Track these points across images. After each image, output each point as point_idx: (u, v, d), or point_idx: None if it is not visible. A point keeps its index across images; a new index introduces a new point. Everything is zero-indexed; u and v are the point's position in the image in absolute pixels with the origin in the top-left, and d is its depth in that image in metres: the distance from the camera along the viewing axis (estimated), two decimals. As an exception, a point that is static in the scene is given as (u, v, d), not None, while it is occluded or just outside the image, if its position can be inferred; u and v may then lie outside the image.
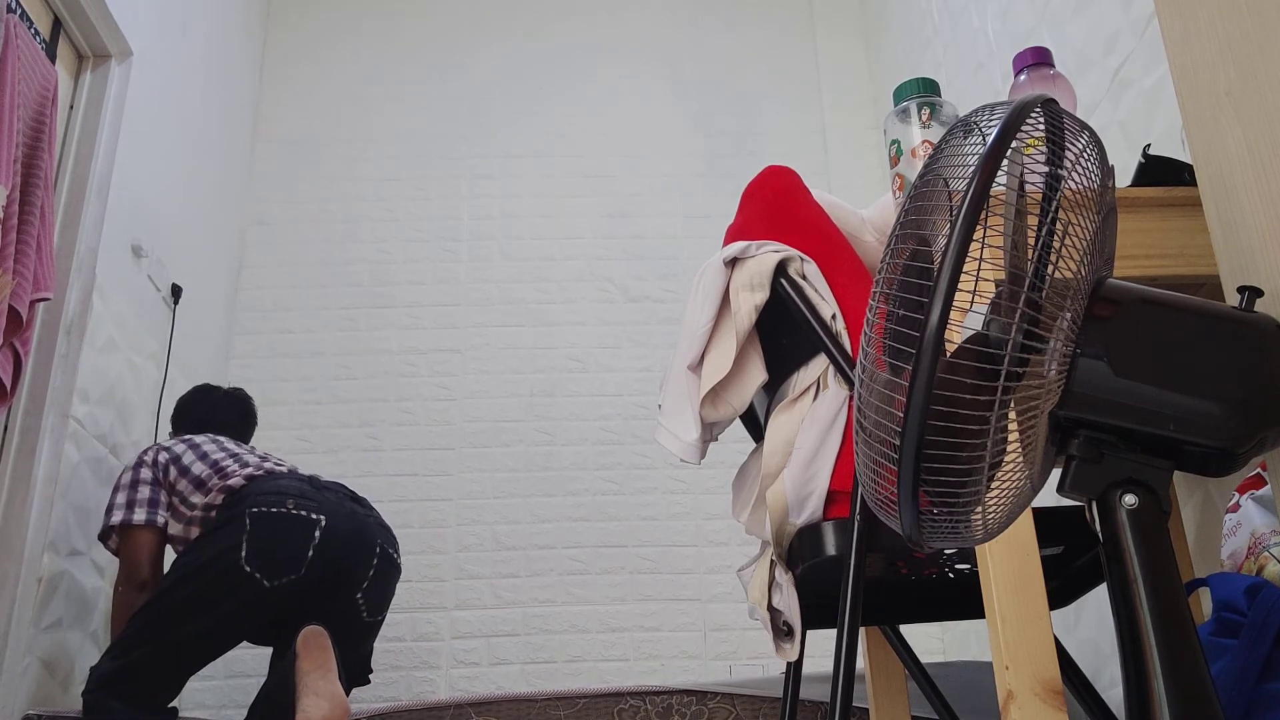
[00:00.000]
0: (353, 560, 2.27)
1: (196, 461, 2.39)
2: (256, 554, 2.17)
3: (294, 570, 2.19)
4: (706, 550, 3.36)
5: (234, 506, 2.26)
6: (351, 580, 2.27)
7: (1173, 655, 0.75)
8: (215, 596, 2.17)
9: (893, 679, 1.74)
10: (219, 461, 2.39)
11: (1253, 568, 1.37)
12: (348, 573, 2.26)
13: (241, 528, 2.19)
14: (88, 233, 2.67)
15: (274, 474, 2.35)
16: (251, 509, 2.21)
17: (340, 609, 2.27)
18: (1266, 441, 0.80)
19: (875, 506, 0.81)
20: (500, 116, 3.94)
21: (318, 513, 2.24)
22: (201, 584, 2.17)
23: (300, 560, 2.19)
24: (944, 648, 3.19)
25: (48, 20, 2.65)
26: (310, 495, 2.28)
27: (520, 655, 3.21)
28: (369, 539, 2.30)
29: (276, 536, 2.19)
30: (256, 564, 2.17)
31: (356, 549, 2.27)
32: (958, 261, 0.71)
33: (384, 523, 2.40)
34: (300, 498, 2.26)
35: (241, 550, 2.17)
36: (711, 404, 1.45)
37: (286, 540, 2.20)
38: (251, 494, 2.26)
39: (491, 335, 3.63)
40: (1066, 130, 0.79)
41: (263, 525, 2.20)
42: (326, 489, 2.35)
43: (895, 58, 3.72)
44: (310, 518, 2.23)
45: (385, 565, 2.33)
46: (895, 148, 1.41)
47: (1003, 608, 1.11)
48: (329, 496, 2.32)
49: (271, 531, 2.19)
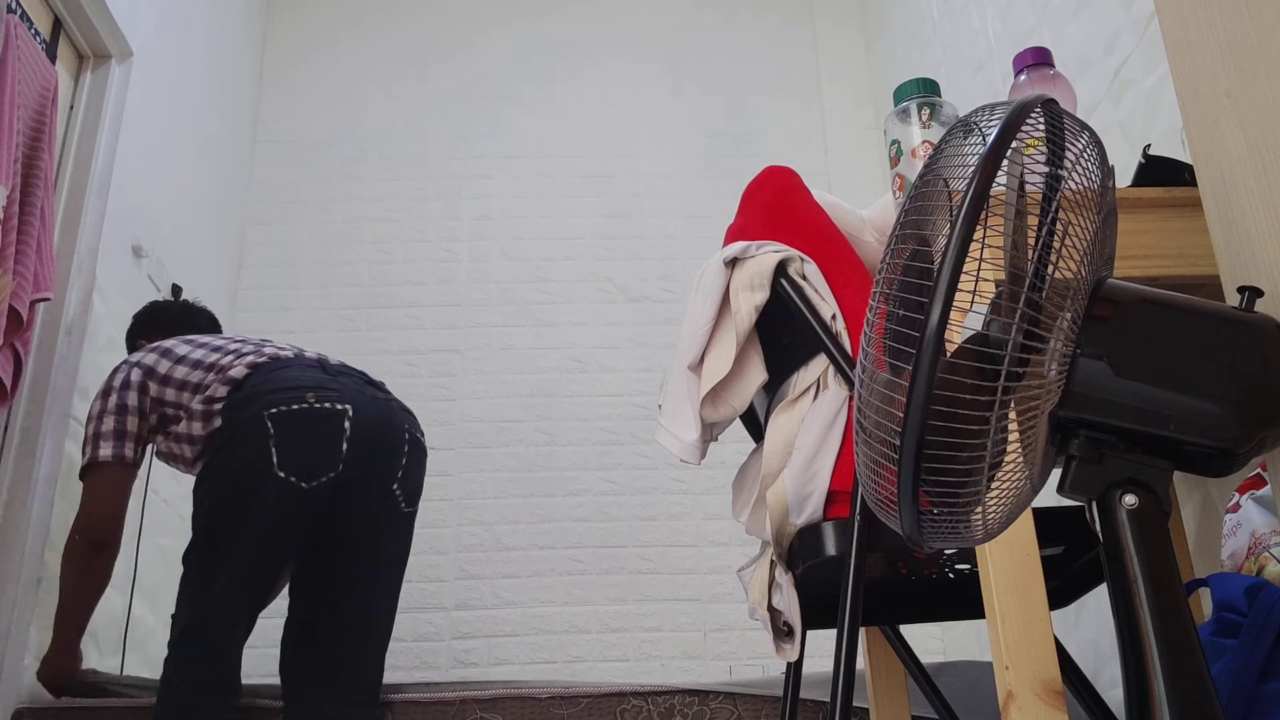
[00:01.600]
0: (386, 449, 2.11)
1: (177, 365, 2.18)
2: (288, 457, 1.99)
3: (331, 468, 2.02)
4: (707, 550, 3.36)
5: (244, 405, 2.06)
6: (387, 470, 2.12)
7: (1173, 655, 0.75)
8: (256, 513, 1.98)
9: (893, 679, 1.74)
10: (206, 359, 2.18)
11: (1253, 568, 1.37)
12: (383, 462, 2.11)
13: (265, 432, 2.00)
14: (88, 233, 2.66)
15: (279, 359, 2.17)
16: (269, 410, 2.02)
17: (379, 501, 2.12)
18: (1266, 441, 0.80)
19: (875, 506, 0.81)
20: (500, 116, 3.94)
21: (341, 402, 2.07)
22: (238, 503, 2.00)
23: (335, 456, 2.02)
24: (944, 648, 3.19)
25: (48, 20, 2.65)
26: (328, 384, 2.10)
27: (521, 655, 3.21)
28: (398, 425, 2.15)
29: (305, 435, 2.02)
30: (291, 467, 1.99)
31: (387, 437, 2.12)
32: (958, 261, 0.71)
33: (405, 406, 2.24)
34: (319, 389, 2.07)
35: (272, 457, 1.98)
36: (712, 404, 1.45)
37: (316, 437, 2.03)
38: (263, 390, 2.07)
39: (491, 335, 3.63)
40: (1067, 130, 0.79)
41: (287, 426, 2.02)
42: (342, 373, 2.18)
43: (895, 58, 3.72)
44: (336, 409, 2.05)
45: (415, 450, 2.19)
46: (895, 148, 1.41)
47: (1003, 608, 1.11)
48: (347, 383, 2.15)
49: (298, 430, 2.02)
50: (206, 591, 1.98)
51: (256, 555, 2.01)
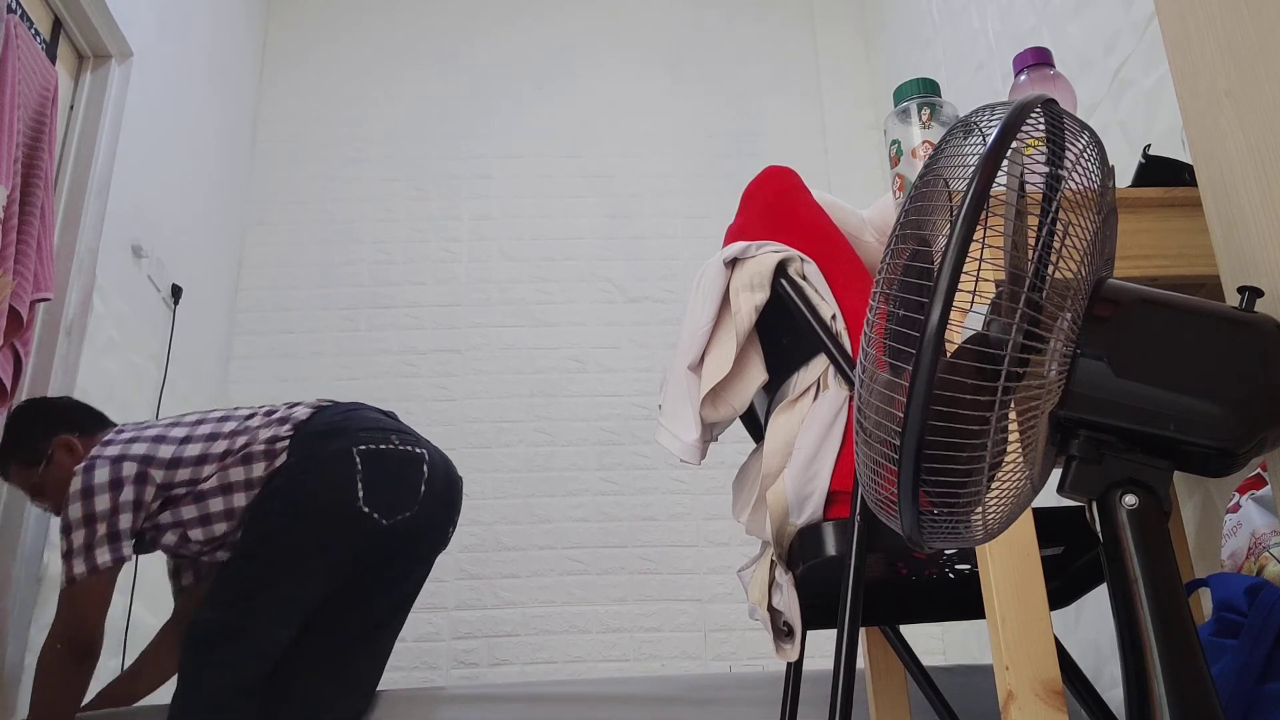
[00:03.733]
0: (452, 495, 2.26)
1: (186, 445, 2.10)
2: (373, 494, 2.08)
3: (408, 508, 2.12)
4: (707, 550, 3.36)
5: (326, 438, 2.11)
6: (452, 512, 2.27)
7: (1173, 655, 0.75)
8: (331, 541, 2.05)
9: (893, 679, 1.74)
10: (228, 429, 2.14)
11: (1253, 568, 1.37)
12: (450, 505, 2.25)
13: (353, 467, 2.08)
14: (88, 233, 2.67)
15: (340, 405, 2.24)
16: (359, 446, 2.11)
17: (436, 542, 2.26)
18: (1266, 441, 0.80)
19: (875, 507, 0.81)
20: (500, 116, 3.94)
21: (420, 446, 2.19)
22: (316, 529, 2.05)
23: (414, 497, 2.13)
24: (944, 648, 3.19)
25: (48, 20, 2.65)
26: (404, 430, 2.23)
27: (521, 656, 3.21)
28: (456, 474, 2.30)
29: (390, 475, 2.12)
30: (374, 504, 2.07)
31: (453, 484, 2.27)
32: (958, 261, 0.71)
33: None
34: (400, 432, 2.20)
35: (358, 491, 2.06)
36: (712, 404, 1.45)
37: (400, 478, 2.13)
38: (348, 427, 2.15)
39: (491, 335, 3.63)
40: (1067, 130, 0.79)
41: (375, 464, 2.10)
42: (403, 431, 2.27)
43: (895, 58, 3.72)
44: (416, 452, 2.17)
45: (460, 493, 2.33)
46: (895, 148, 1.41)
47: (1003, 608, 1.11)
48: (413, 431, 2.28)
49: (384, 470, 2.11)
50: (261, 603, 2.00)
51: (319, 581, 2.05)
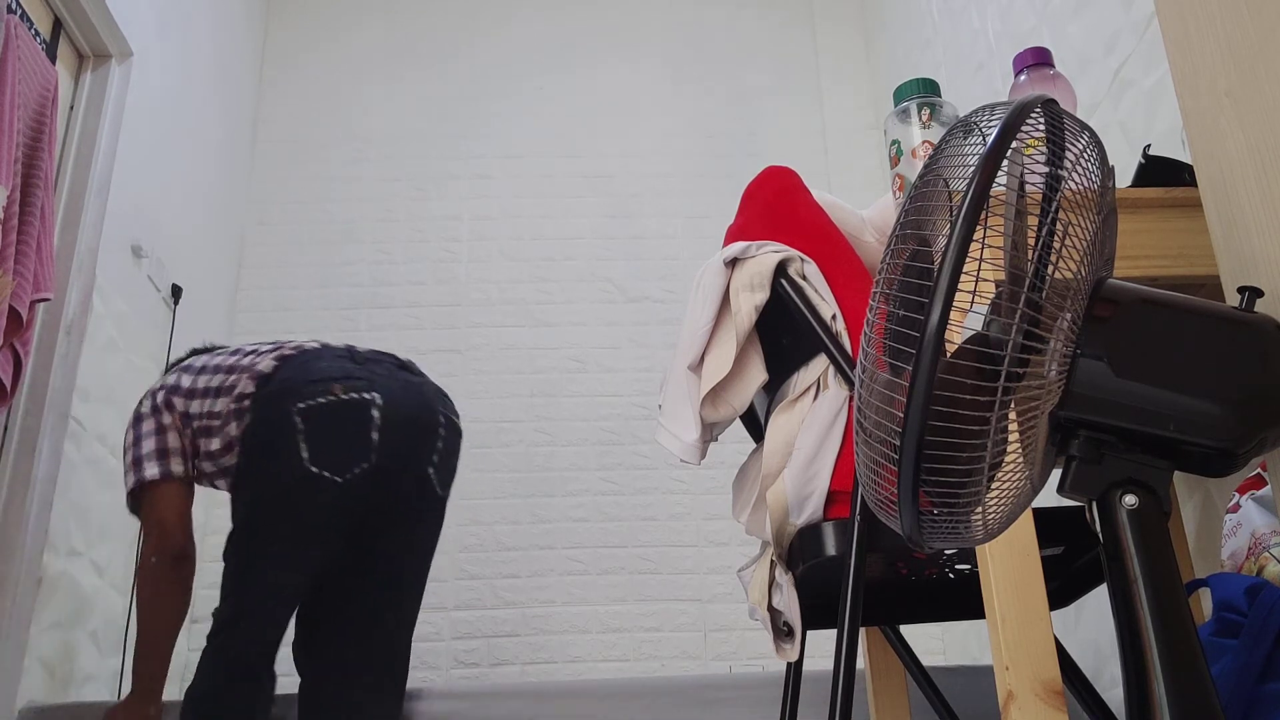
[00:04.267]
0: (419, 434, 2.08)
1: (199, 376, 2.16)
2: (319, 453, 1.97)
3: (363, 459, 1.99)
4: (707, 550, 3.36)
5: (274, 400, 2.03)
6: (422, 456, 2.08)
7: (1173, 655, 0.75)
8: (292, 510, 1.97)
9: (893, 679, 1.74)
10: (226, 362, 2.15)
11: (1253, 568, 1.37)
12: (417, 448, 2.07)
13: (293, 428, 1.98)
14: (88, 233, 2.66)
15: (306, 350, 2.13)
16: (298, 405, 2.00)
17: (414, 488, 2.09)
18: (1266, 441, 0.80)
19: (875, 507, 0.81)
20: (500, 116, 3.94)
21: (369, 390, 2.03)
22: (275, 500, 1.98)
23: (366, 447, 2.00)
24: (944, 648, 3.19)
25: (48, 20, 2.65)
26: (355, 373, 2.07)
27: (520, 656, 3.21)
28: (430, 408, 2.11)
29: (333, 429, 2.00)
30: (322, 462, 1.97)
31: (419, 422, 2.08)
32: (958, 261, 0.71)
33: (439, 387, 2.19)
34: (346, 379, 2.04)
35: (302, 453, 1.96)
36: (712, 404, 1.45)
37: (345, 429, 2.00)
38: (290, 386, 2.04)
39: (491, 335, 3.63)
40: (1067, 130, 0.79)
41: (315, 421, 1.99)
42: (371, 360, 2.14)
43: (895, 58, 3.72)
44: (364, 398, 2.02)
45: (450, 433, 2.15)
46: (895, 148, 1.41)
47: (1003, 608, 1.11)
48: (376, 369, 2.11)
49: (325, 424, 1.99)
50: (248, 587, 1.97)
51: (296, 551, 1.98)
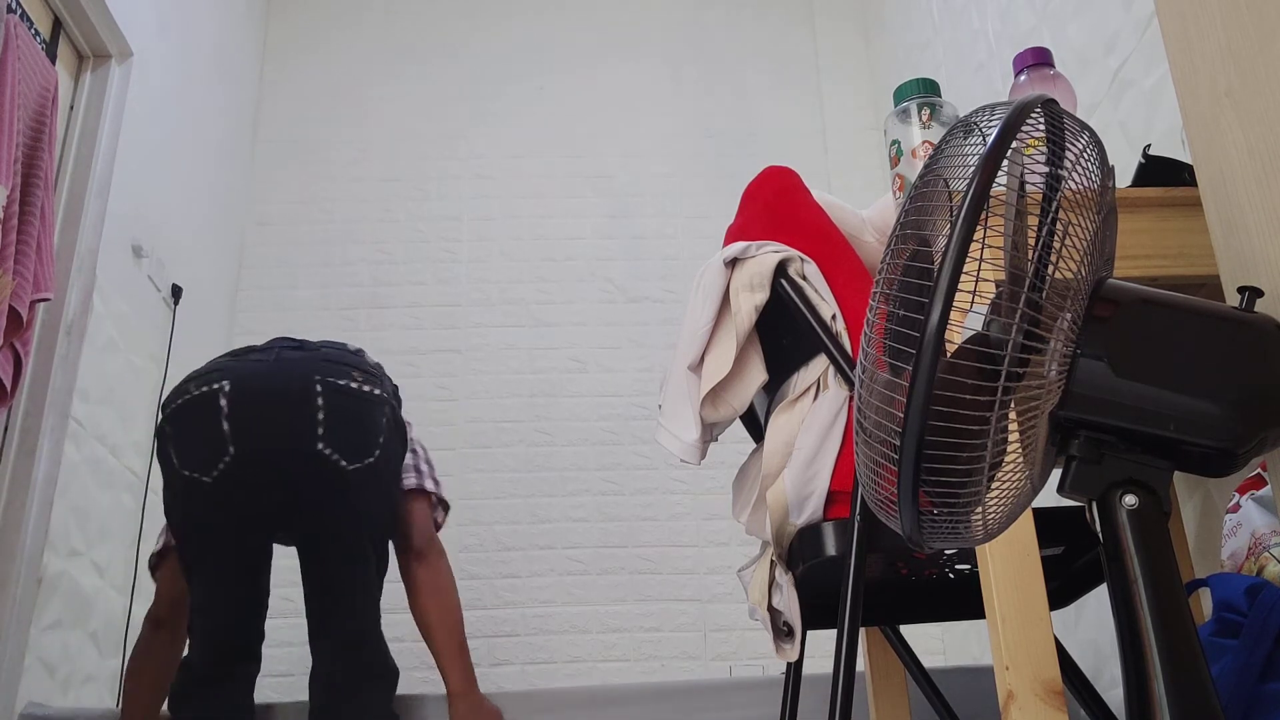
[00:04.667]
0: (282, 411, 1.95)
1: None
2: (184, 455, 1.95)
3: (223, 452, 1.91)
4: (707, 551, 3.36)
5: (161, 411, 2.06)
6: (295, 431, 1.94)
7: (1173, 655, 0.75)
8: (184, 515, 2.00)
9: (893, 679, 1.74)
10: None
11: (1253, 568, 1.37)
12: (283, 426, 1.94)
13: (165, 436, 1.99)
14: (88, 233, 2.66)
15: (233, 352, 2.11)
16: (166, 412, 2.00)
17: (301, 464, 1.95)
18: (1266, 441, 0.80)
19: (875, 507, 0.81)
20: (500, 116, 3.94)
21: (217, 381, 1.95)
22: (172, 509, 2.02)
23: (220, 438, 1.91)
24: (944, 648, 3.19)
25: (48, 20, 2.65)
26: (217, 366, 2.01)
27: (520, 656, 3.20)
28: (297, 378, 1.97)
29: (187, 429, 1.96)
30: (189, 464, 1.94)
31: (281, 397, 1.96)
32: (958, 262, 0.71)
33: (333, 357, 2.04)
34: (203, 375, 1.99)
35: (173, 460, 1.96)
36: (712, 404, 1.45)
37: (196, 429, 1.94)
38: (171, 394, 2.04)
39: (491, 335, 3.62)
40: (1067, 130, 0.79)
41: (176, 424, 1.97)
42: (254, 351, 2.06)
43: (895, 58, 3.72)
44: (209, 390, 1.94)
45: (337, 398, 1.97)
46: (895, 148, 1.41)
47: (1003, 608, 1.11)
48: (248, 359, 2.03)
49: (182, 427, 1.96)
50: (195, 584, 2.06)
51: (205, 554, 2.03)
